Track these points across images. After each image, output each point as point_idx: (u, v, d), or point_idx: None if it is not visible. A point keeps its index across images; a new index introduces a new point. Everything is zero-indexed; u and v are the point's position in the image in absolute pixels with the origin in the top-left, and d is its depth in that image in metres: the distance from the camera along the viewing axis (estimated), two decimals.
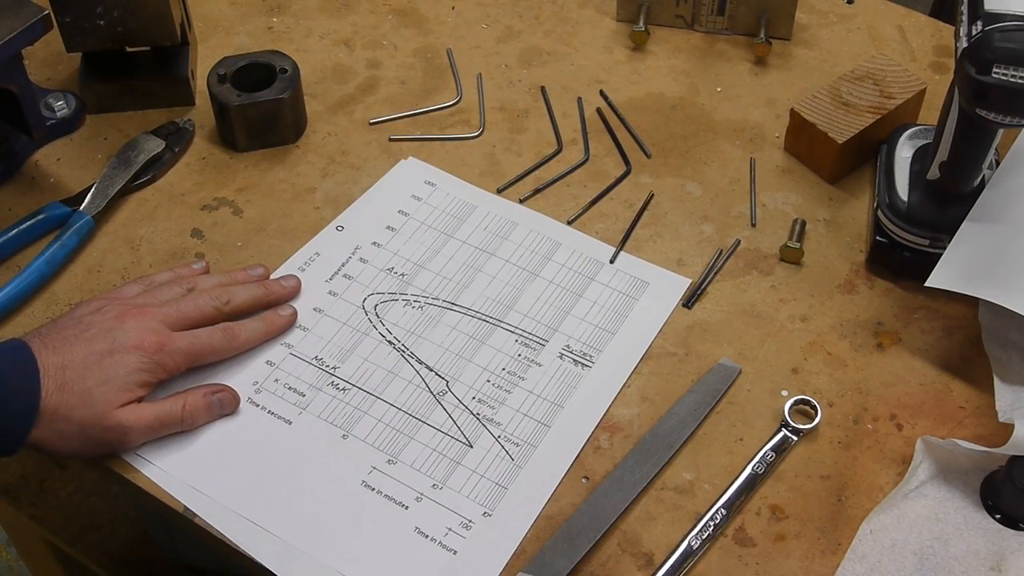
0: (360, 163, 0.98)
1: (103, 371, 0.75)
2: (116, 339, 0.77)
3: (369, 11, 1.12)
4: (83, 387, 0.74)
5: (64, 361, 0.75)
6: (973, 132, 0.81)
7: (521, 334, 0.86)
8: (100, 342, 0.76)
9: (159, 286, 0.84)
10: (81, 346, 0.76)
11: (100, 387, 0.75)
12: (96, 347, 0.76)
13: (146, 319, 0.79)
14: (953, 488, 0.77)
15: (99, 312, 0.79)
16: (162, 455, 0.78)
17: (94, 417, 0.75)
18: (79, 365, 0.75)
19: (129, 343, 0.77)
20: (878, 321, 0.87)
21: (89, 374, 0.75)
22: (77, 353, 0.75)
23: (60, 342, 0.76)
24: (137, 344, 0.77)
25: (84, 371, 0.75)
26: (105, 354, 0.76)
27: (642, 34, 1.07)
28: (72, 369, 0.75)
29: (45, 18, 0.89)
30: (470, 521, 0.76)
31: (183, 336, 0.80)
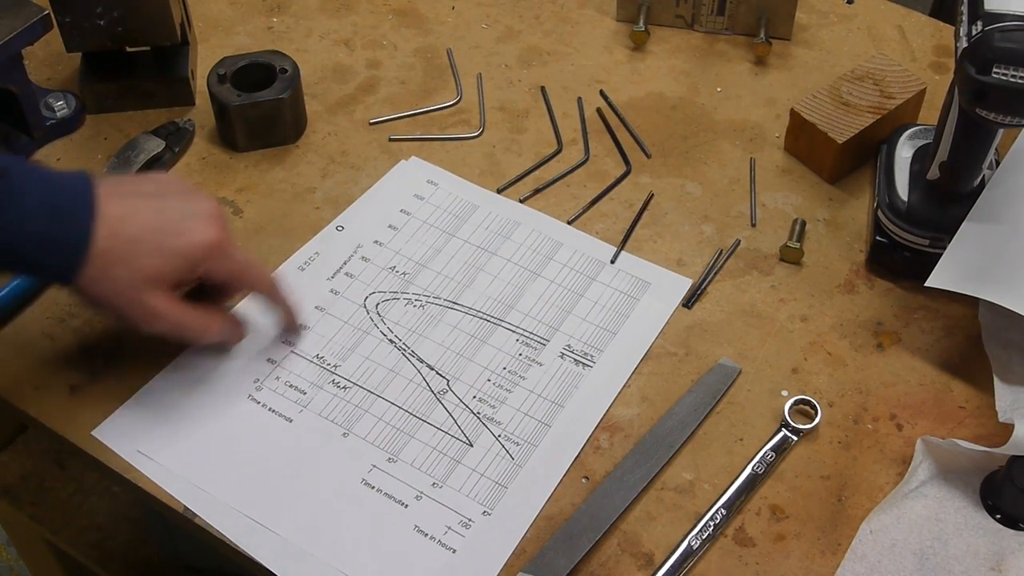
0: (360, 163, 0.98)
1: (158, 243, 0.75)
2: (185, 219, 0.77)
3: (369, 11, 1.12)
4: (132, 250, 0.74)
5: (125, 213, 0.75)
6: (973, 132, 0.81)
7: (522, 333, 0.86)
8: (168, 214, 0.76)
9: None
10: (148, 209, 0.76)
11: (147, 258, 0.75)
12: (161, 218, 0.76)
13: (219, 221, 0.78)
14: (953, 488, 0.77)
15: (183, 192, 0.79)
16: (163, 452, 0.79)
17: (130, 286, 0.75)
18: (138, 227, 0.75)
19: (195, 228, 0.77)
20: (878, 321, 0.87)
21: (144, 241, 0.75)
22: (142, 214, 0.75)
23: (131, 195, 0.76)
24: (200, 232, 0.77)
25: (139, 234, 0.75)
26: (166, 228, 0.76)
27: (642, 34, 1.08)
28: (129, 224, 0.75)
29: (45, 18, 0.90)
30: (470, 520, 0.76)
31: (240, 252, 0.80)
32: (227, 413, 0.81)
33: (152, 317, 0.76)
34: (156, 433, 0.80)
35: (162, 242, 0.75)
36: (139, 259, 0.75)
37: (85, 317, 0.87)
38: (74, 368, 0.84)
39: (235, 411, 0.81)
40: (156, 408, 0.81)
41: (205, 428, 0.80)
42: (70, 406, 0.82)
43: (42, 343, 0.85)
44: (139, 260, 0.75)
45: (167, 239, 0.75)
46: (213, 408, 0.81)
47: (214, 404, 0.82)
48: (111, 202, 0.75)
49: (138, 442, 0.79)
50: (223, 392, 0.82)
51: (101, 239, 0.73)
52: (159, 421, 0.80)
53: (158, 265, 0.75)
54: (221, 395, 0.82)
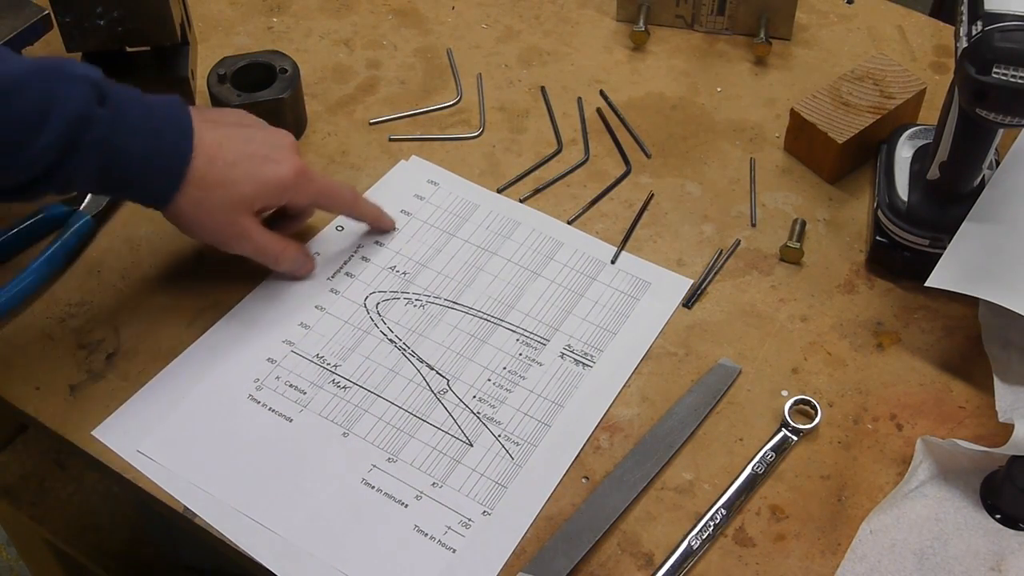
0: (360, 163, 0.98)
1: (251, 170, 0.80)
2: (272, 148, 0.82)
3: (369, 11, 1.12)
4: (228, 175, 0.79)
5: (220, 139, 0.80)
6: (973, 132, 0.81)
7: (522, 333, 0.86)
8: (256, 143, 0.82)
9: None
10: (238, 137, 0.81)
11: (242, 184, 0.80)
12: (251, 147, 0.81)
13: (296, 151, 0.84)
14: (953, 488, 0.77)
15: (260, 124, 0.85)
16: (163, 452, 0.79)
17: (225, 208, 0.80)
18: (231, 152, 0.80)
19: (281, 157, 0.82)
20: (878, 321, 0.87)
21: (238, 167, 0.80)
22: (233, 141, 0.81)
23: (219, 123, 0.81)
24: (287, 161, 0.82)
25: (235, 160, 0.80)
26: (257, 156, 0.81)
27: (642, 34, 1.08)
28: (225, 150, 0.80)
29: (45, 18, 0.90)
30: (470, 520, 0.76)
31: (322, 176, 0.87)
32: (227, 413, 0.81)
33: (242, 238, 0.82)
34: (156, 433, 0.80)
35: (255, 169, 0.81)
36: (235, 184, 0.80)
37: (85, 317, 0.87)
38: (74, 368, 0.84)
39: (235, 411, 0.81)
40: (156, 408, 0.81)
41: (205, 428, 0.80)
42: (70, 406, 0.82)
43: (42, 343, 0.85)
44: (235, 185, 0.80)
45: (259, 167, 0.81)
46: (213, 408, 0.81)
47: (214, 404, 0.82)
48: (205, 129, 0.79)
49: (138, 442, 0.79)
50: (223, 392, 0.82)
51: (199, 164, 0.78)
52: (159, 421, 0.80)
53: (251, 191, 0.81)
54: (221, 395, 0.82)
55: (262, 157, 0.82)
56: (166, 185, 0.78)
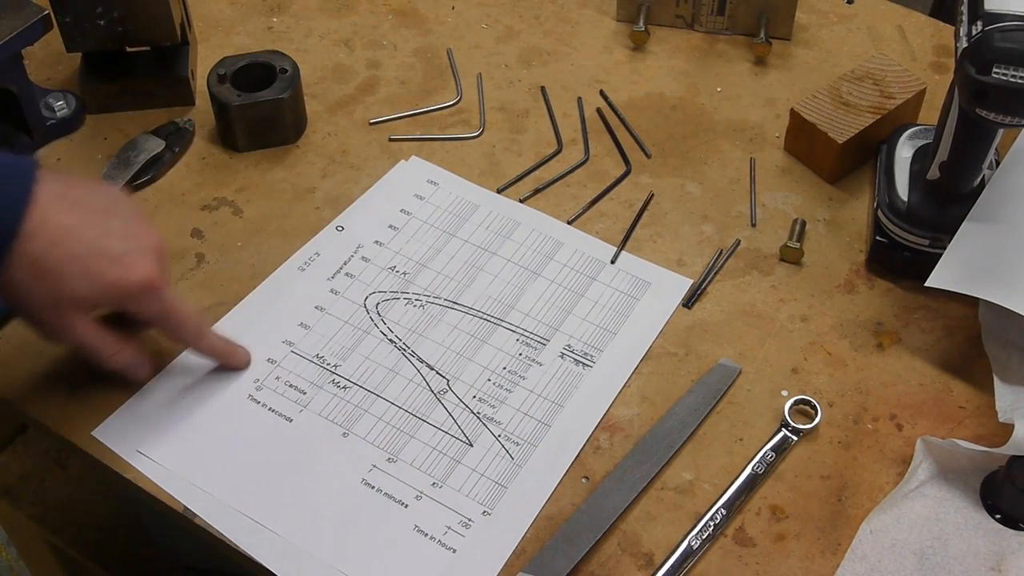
0: (360, 163, 0.98)
1: (93, 268, 0.72)
2: (128, 249, 0.73)
3: (369, 11, 1.12)
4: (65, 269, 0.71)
5: (71, 225, 0.71)
6: (973, 132, 0.81)
7: (522, 333, 0.86)
8: (113, 238, 0.73)
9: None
10: (95, 227, 0.73)
11: (79, 280, 0.72)
12: (105, 242, 0.73)
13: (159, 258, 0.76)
14: (953, 488, 0.77)
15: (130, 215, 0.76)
16: (163, 452, 0.79)
17: (54, 302, 0.72)
18: (79, 243, 0.71)
19: (135, 263, 0.73)
20: (878, 321, 0.87)
21: (80, 262, 0.71)
22: (87, 230, 0.72)
23: (79, 205, 0.73)
24: (139, 269, 0.73)
25: (79, 254, 0.71)
26: (107, 255, 0.72)
27: (642, 34, 1.08)
28: (72, 239, 0.71)
29: (45, 18, 0.89)
30: (470, 520, 0.76)
31: (174, 295, 0.78)
32: (227, 413, 0.81)
33: (65, 334, 0.74)
34: (156, 433, 0.80)
35: (98, 269, 0.72)
36: (71, 279, 0.72)
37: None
38: (74, 368, 0.83)
39: (235, 411, 0.81)
40: (156, 408, 0.81)
41: (205, 428, 0.80)
42: (70, 406, 0.81)
43: (42, 343, 0.85)
44: (71, 280, 0.72)
45: (104, 268, 0.72)
46: (213, 408, 0.81)
47: (214, 404, 0.82)
48: (57, 209, 0.71)
49: (138, 442, 0.79)
50: (223, 392, 0.82)
51: (35, 246, 0.70)
52: (159, 421, 0.80)
53: (87, 291, 0.72)
54: (221, 395, 0.82)
55: (112, 258, 0.72)
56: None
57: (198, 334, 0.80)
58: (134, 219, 0.76)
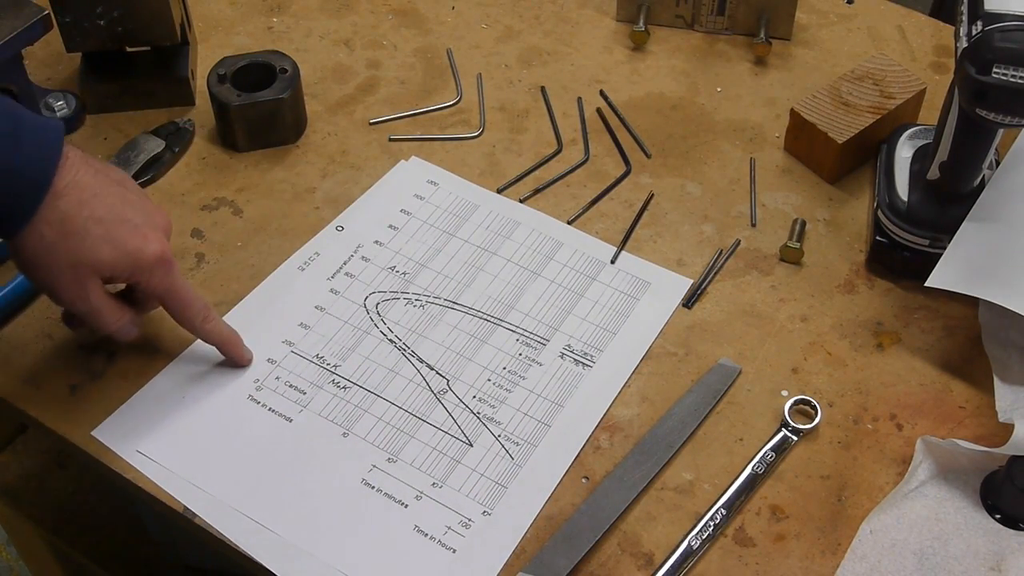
0: (360, 163, 0.98)
1: (118, 234, 0.73)
2: (146, 222, 0.75)
3: (369, 11, 1.12)
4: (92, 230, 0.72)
5: (98, 188, 0.72)
6: (973, 132, 0.81)
7: (522, 333, 0.86)
8: (134, 210, 0.74)
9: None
10: (118, 196, 0.74)
11: (102, 244, 0.72)
12: (127, 211, 0.74)
13: (167, 237, 0.77)
14: (953, 488, 0.77)
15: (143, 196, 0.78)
16: (163, 452, 0.78)
17: (75, 263, 0.72)
18: (104, 206, 0.72)
19: (152, 235, 0.75)
20: (878, 321, 0.87)
21: (105, 225, 0.72)
22: (112, 198, 0.73)
23: (102, 173, 0.74)
24: (156, 241, 0.75)
25: (104, 217, 0.72)
26: (130, 223, 0.74)
27: (642, 34, 1.08)
28: (99, 201, 0.72)
29: (45, 18, 0.89)
30: (470, 520, 0.76)
31: (181, 275, 0.78)
32: (227, 413, 0.81)
33: (79, 300, 0.74)
34: (156, 433, 0.80)
35: (120, 235, 0.73)
36: (95, 241, 0.72)
37: None
38: (74, 368, 0.84)
39: (235, 411, 0.81)
40: (156, 408, 0.81)
41: (205, 428, 0.80)
42: (70, 406, 0.81)
43: (42, 343, 0.85)
44: (94, 242, 0.72)
45: (128, 235, 0.74)
46: (213, 408, 0.81)
47: (214, 404, 0.82)
48: (85, 170, 0.72)
49: (138, 442, 0.79)
50: (223, 392, 0.82)
51: (65, 204, 0.71)
52: (159, 421, 0.80)
53: (108, 256, 0.73)
54: (221, 395, 0.82)
55: (134, 226, 0.74)
56: (16, 212, 0.70)
57: (204, 317, 0.80)
58: (145, 198, 0.78)
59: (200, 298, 0.80)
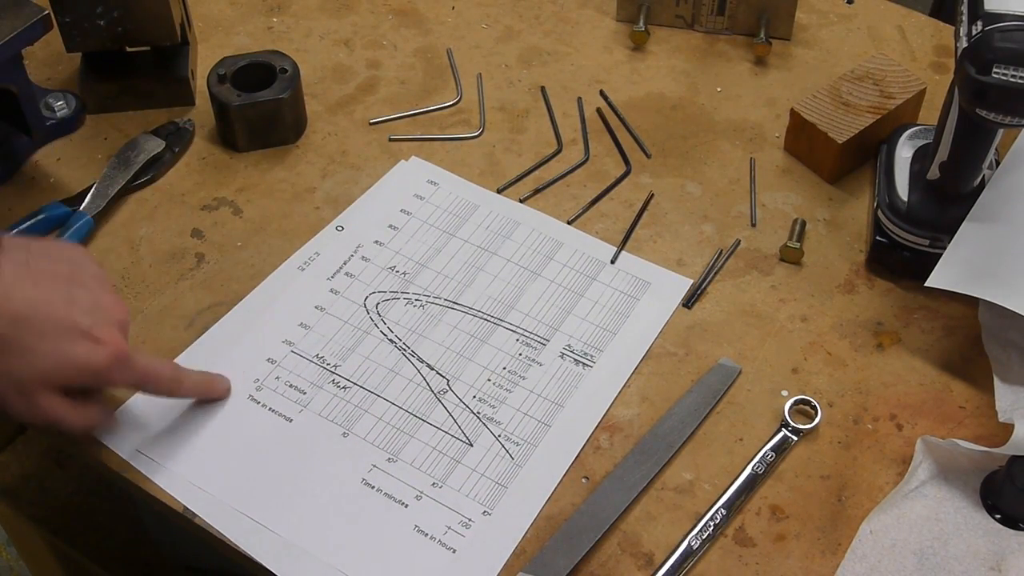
0: (360, 163, 0.98)
1: (60, 346, 0.68)
2: (95, 322, 0.70)
3: (369, 11, 1.12)
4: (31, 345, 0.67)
5: (35, 300, 0.68)
6: (973, 132, 0.81)
7: (522, 333, 0.86)
8: (79, 310, 0.69)
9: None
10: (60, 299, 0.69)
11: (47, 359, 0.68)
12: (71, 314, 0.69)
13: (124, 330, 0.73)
14: (953, 488, 0.77)
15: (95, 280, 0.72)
16: (163, 452, 0.78)
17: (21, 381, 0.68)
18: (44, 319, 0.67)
19: (102, 335, 0.70)
20: (878, 321, 0.87)
21: (46, 339, 0.67)
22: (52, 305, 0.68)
23: (43, 277, 0.69)
24: (106, 343, 0.70)
25: (44, 331, 0.67)
26: (74, 329, 0.68)
27: (642, 34, 1.08)
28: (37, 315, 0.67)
29: (45, 18, 0.89)
30: (470, 520, 0.76)
31: (143, 355, 0.74)
32: (227, 413, 0.81)
33: (35, 415, 0.70)
34: (156, 433, 0.80)
35: (64, 347, 0.69)
36: (35, 357, 0.68)
37: None
38: None
39: (235, 411, 0.81)
40: (156, 408, 0.81)
41: (205, 428, 0.80)
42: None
43: None
44: (35, 358, 0.68)
45: (71, 344, 0.69)
46: (213, 408, 0.81)
47: (214, 404, 0.81)
48: (20, 283, 0.68)
49: (138, 442, 0.79)
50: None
51: (3, 323, 0.66)
52: (159, 421, 0.80)
53: (55, 369, 0.69)
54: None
55: (79, 332, 0.69)
56: None
57: (176, 385, 0.77)
58: (99, 286, 0.73)
59: (165, 366, 0.77)
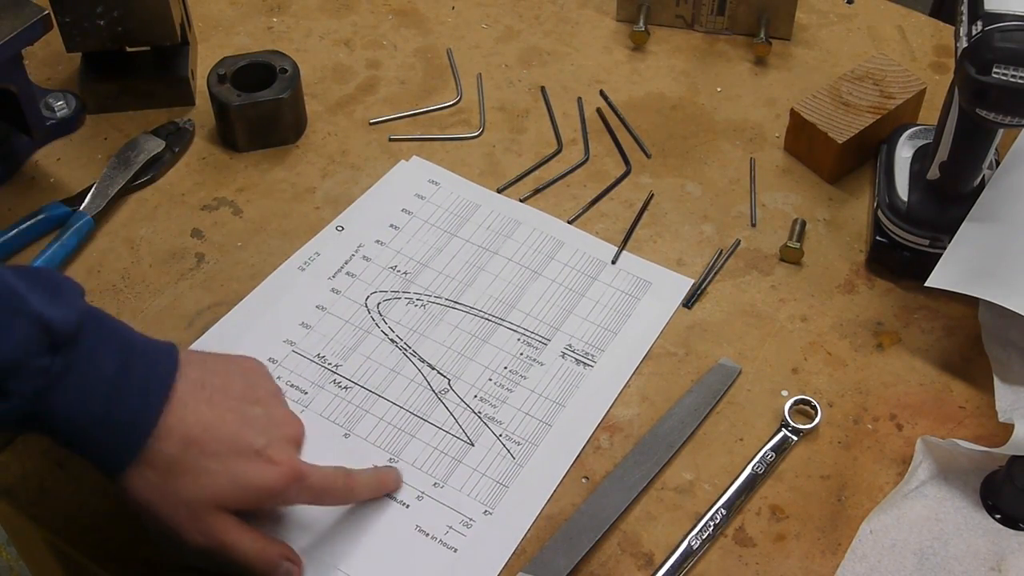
0: (360, 163, 0.98)
1: (234, 467, 0.66)
2: (269, 441, 0.67)
3: (369, 11, 1.12)
4: (204, 465, 0.65)
5: (209, 421, 0.65)
6: (973, 132, 0.81)
7: (523, 333, 0.86)
8: (254, 430, 0.67)
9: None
10: (234, 419, 0.67)
11: (219, 479, 0.65)
12: (245, 435, 0.66)
13: (298, 446, 0.70)
14: (953, 488, 0.77)
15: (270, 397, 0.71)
16: None
17: (193, 503, 0.65)
18: (217, 440, 0.65)
19: (277, 455, 0.67)
20: (878, 321, 0.87)
21: (219, 459, 0.65)
22: (226, 425, 0.66)
23: (218, 395, 0.67)
24: (282, 463, 0.67)
25: (218, 452, 0.65)
26: (248, 450, 0.66)
27: (642, 34, 1.08)
28: (211, 436, 0.65)
29: (45, 18, 0.89)
30: (471, 519, 0.76)
31: (317, 471, 0.70)
32: None
33: (211, 542, 0.66)
34: None
35: (239, 468, 0.66)
36: (208, 476, 0.65)
37: None
38: None
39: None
40: None
41: None
42: None
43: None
44: (208, 477, 0.65)
45: (245, 465, 0.66)
46: None
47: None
48: (197, 400, 0.65)
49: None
50: None
51: (168, 446, 0.64)
52: None
53: (228, 491, 0.65)
54: None
55: (253, 452, 0.66)
56: (112, 458, 0.64)
57: (350, 496, 0.74)
58: (274, 403, 0.71)
59: (338, 482, 0.72)
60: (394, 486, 0.77)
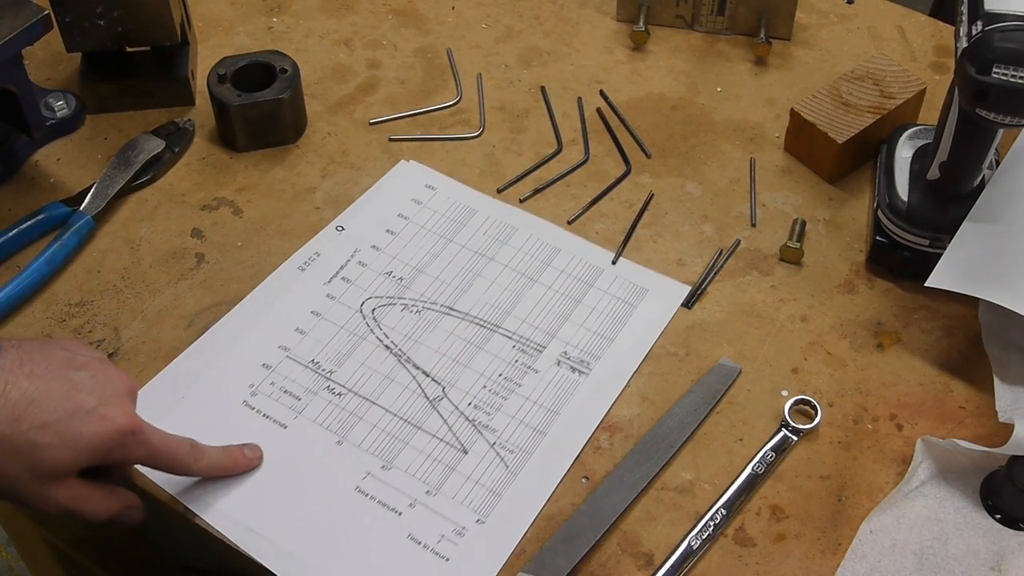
0: (360, 163, 0.98)
1: (67, 430, 0.66)
2: (101, 398, 0.68)
3: (369, 11, 1.12)
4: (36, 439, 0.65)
5: (32, 394, 0.66)
6: (973, 132, 0.81)
7: (519, 340, 0.86)
8: (83, 392, 0.68)
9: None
10: (59, 389, 0.67)
11: (53, 449, 0.66)
12: (75, 398, 0.67)
13: (131, 401, 0.72)
14: (953, 488, 0.77)
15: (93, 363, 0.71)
16: None
17: (31, 478, 0.66)
18: (44, 410, 0.66)
19: (110, 411, 0.68)
20: (878, 321, 0.87)
21: (50, 428, 0.66)
22: (51, 395, 0.67)
23: (39, 368, 0.67)
24: (115, 416, 0.68)
25: (47, 421, 0.66)
26: (80, 410, 0.67)
27: (642, 34, 1.07)
28: (37, 408, 0.66)
29: (45, 18, 0.89)
30: (463, 528, 0.75)
31: (158, 431, 0.72)
32: (221, 419, 0.80)
33: (52, 506, 0.68)
34: None
35: (71, 431, 0.66)
36: (44, 450, 0.66)
37: (85, 317, 0.87)
38: None
39: (229, 417, 0.81)
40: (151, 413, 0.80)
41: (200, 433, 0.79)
42: None
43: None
44: (44, 451, 0.66)
45: (79, 426, 0.67)
46: (208, 413, 0.81)
47: (209, 409, 0.81)
48: (17, 376, 0.66)
49: None
50: (218, 398, 0.82)
51: (2, 422, 0.64)
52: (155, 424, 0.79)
53: (64, 457, 0.66)
54: (216, 400, 0.82)
55: (86, 411, 0.67)
56: None
57: (195, 461, 0.75)
58: (99, 365, 0.71)
59: (183, 443, 0.74)
60: (245, 465, 0.77)
